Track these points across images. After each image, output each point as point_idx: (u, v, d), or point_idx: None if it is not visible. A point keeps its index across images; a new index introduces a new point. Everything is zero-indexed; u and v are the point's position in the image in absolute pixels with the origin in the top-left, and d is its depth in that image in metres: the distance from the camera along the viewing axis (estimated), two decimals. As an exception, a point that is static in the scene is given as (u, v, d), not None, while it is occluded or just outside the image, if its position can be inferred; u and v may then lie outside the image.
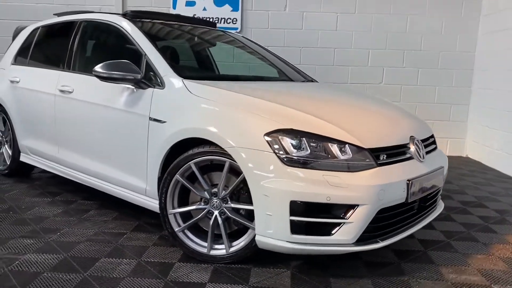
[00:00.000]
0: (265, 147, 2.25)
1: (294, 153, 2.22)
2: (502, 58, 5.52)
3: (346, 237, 2.21)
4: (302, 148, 2.24)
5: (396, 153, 2.45)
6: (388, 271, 2.48)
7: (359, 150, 2.28)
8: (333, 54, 6.28)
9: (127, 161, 2.91)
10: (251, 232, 2.41)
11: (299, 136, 2.26)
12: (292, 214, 2.17)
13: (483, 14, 6.05)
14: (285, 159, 2.21)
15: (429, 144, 2.84)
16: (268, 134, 2.27)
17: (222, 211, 2.47)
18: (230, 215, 2.44)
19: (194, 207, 2.54)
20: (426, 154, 2.66)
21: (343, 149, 2.26)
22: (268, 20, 6.25)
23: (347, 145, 2.27)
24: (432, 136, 2.95)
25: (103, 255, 2.54)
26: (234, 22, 6.24)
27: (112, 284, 2.21)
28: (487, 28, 5.94)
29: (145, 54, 2.90)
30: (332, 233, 2.21)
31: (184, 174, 2.51)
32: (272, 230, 2.22)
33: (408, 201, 2.37)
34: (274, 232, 2.22)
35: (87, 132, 3.18)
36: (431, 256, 2.70)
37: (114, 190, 3.06)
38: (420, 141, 2.65)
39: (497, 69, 5.64)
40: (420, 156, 2.56)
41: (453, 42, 6.18)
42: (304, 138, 2.26)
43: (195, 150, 2.47)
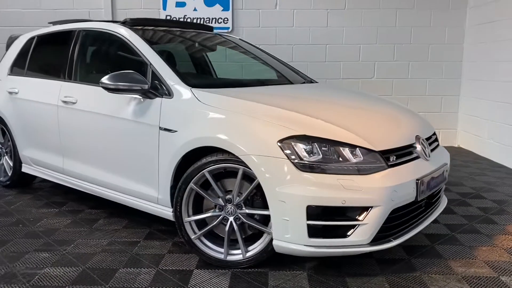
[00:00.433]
0: (279, 154, 2.30)
1: (307, 158, 2.28)
2: (489, 50, 5.65)
3: (361, 238, 2.28)
4: (315, 153, 2.30)
5: (404, 153, 2.52)
6: (399, 267, 2.57)
7: (370, 152, 2.35)
8: (324, 51, 6.35)
9: (137, 170, 2.94)
10: (266, 236, 2.47)
11: (311, 141, 2.32)
12: (309, 218, 2.23)
13: (470, 6, 6.16)
14: (299, 165, 2.27)
15: (432, 142, 2.92)
16: (281, 141, 2.32)
17: (237, 217, 2.52)
18: (245, 221, 2.50)
19: (210, 214, 2.58)
20: (430, 152, 2.74)
21: (354, 152, 2.32)
22: (259, 19, 6.27)
23: (358, 148, 2.34)
24: (434, 133, 3.04)
25: (121, 266, 2.58)
26: (226, 22, 6.25)
27: (135, 295, 2.26)
28: (474, 20, 6.06)
29: (150, 64, 2.92)
30: (348, 234, 2.28)
31: (198, 182, 2.55)
32: (290, 235, 2.28)
33: (417, 199, 2.46)
34: (292, 237, 2.28)
35: (93, 142, 3.19)
36: (438, 250, 2.80)
37: (124, 199, 3.09)
38: (425, 140, 2.74)
39: (484, 60, 5.77)
40: (426, 155, 2.64)
41: (441, 34, 6.29)
42: (316, 144, 2.31)
43: (208, 159, 2.51)
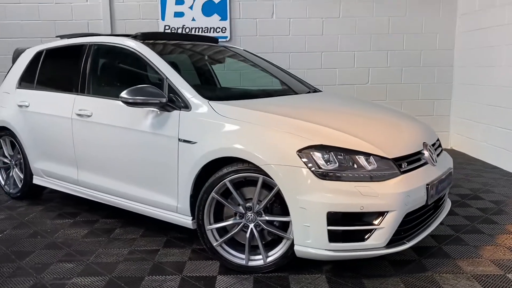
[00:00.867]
0: (298, 163, 2.42)
1: (325, 167, 2.41)
2: (479, 55, 5.87)
3: (378, 241, 2.41)
4: (331, 162, 2.43)
5: (414, 160, 2.67)
6: (412, 268, 2.71)
7: (384, 160, 2.49)
8: (320, 58, 6.51)
9: (155, 180, 3.04)
10: (286, 242, 2.59)
11: (328, 150, 2.45)
12: (329, 224, 2.36)
13: (459, 14, 6.39)
14: (318, 173, 2.39)
15: (436, 148, 3.08)
16: (300, 150, 2.44)
17: (257, 223, 2.64)
18: (266, 227, 2.61)
19: (231, 221, 2.70)
20: (436, 158, 2.90)
21: (368, 160, 2.46)
22: (256, 28, 6.41)
23: (372, 156, 2.47)
24: (438, 139, 3.19)
25: (146, 274, 2.67)
26: (224, 31, 6.38)
27: (165, 301, 2.35)
28: (464, 27, 6.28)
29: (166, 78, 3.02)
30: (365, 238, 2.41)
31: (219, 191, 2.67)
32: (311, 240, 2.41)
33: (428, 203, 2.61)
34: (313, 242, 2.41)
35: (110, 154, 3.27)
36: (446, 251, 2.95)
37: (142, 209, 3.18)
38: (431, 146, 2.89)
39: (475, 65, 5.99)
40: (433, 160, 2.80)
41: (433, 41, 6.50)
42: (332, 153, 2.45)
43: (229, 169, 2.63)
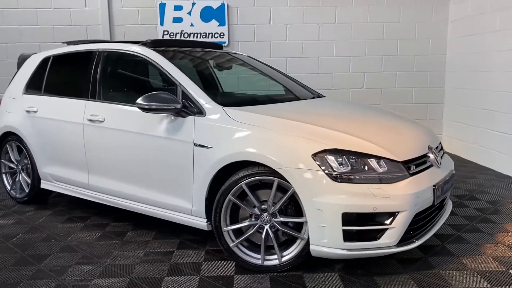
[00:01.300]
0: (314, 166, 2.54)
1: (339, 170, 2.53)
2: (470, 60, 6.07)
3: (390, 240, 2.54)
4: (344, 165, 2.55)
5: (421, 162, 2.80)
6: (419, 266, 2.84)
7: (394, 163, 2.61)
8: (317, 63, 6.66)
9: (169, 183, 3.12)
10: (300, 242, 2.70)
11: (342, 154, 2.57)
12: (344, 224, 2.48)
13: (451, 20, 6.59)
14: (332, 176, 2.51)
15: (439, 150, 3.22)
16: (315, 154, 2.56)
17: (272, 224, 2.74)
18: (280, 228, 2.72)
19: (247, 223, 2.80)
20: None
21: (380, 163, 2.59)
22: (254, 33, 6.53)
23: (382, 159, 2.60)
24: (440, 143, 3.34)
25: (164, 274, 2.76)
26: (222, 37, 6.48)
27: (187, 300, 2.44)
28: (455, 33, 6.49)
29: (180, 84, 3.12)
30: (378, 237, 2.54)
31: (235, 194, 2.77)
32: (327, 240, 2.52)
33: (434, 203, 2.74)
34: (328, 241, 2.52)
35: (123, 158, 3.35)
36: (449, 249, 3.09)
37: (155, 212, 3.26)
38: (435, 149, 3.03)
39: (466, 70, 6.20)
40: (438, 163, 2.94)
41: (425, 46, 6.70)
42: (345, 156, 2.57)
43: (245, 172, 2.73)
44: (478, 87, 5.91)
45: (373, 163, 2.58)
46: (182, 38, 6.49)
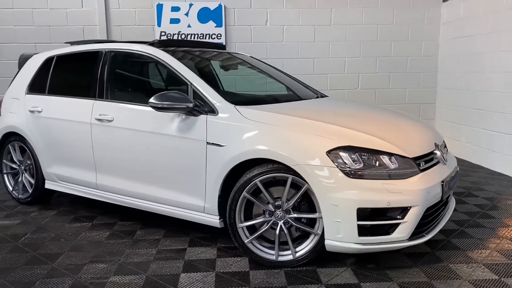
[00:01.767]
0: (328, 163, 2.60)
1: (353, 166, 2.60)
2: (462, 62, 6.23)
3: (402, 234, 2.62)
4: (357, 161, 2.62)
5: (429, 159, 2.89)
6: (428, 259, 2.93)
7: (405, 159, 2.69)
8: (312, 64, 6.74)
9: (181, 182, 3.15)
10: (313, 237, 2.76)
11: (355, 151, 2.64)
12: (359, 219, 2.55)
13: (443, 22, 6.75)
14: (347, 172, 2.58)
15: (444, 147, 3.32)
16: (329, 151, 2.63)
17: (286, 221, 2.80)
18: (294, 224, 2.78)
19: (262, 219, 2.85)
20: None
21: (391, 159, 2.66)
22: (250, 34, 6.59)
23: (394, 156, 2.68)
24: (443, 141, 3.44)
25: (180, 271, 2.79)
26: (219, 38, 6.52)
27: (207, 296, 2.48)
28: (446, 35, 6.65)
29: (191, 84, 3.15)
30: (390, 232, 2.61)
31: (249, 191, 2.82)
32: (342, 235, 2.59)
33: (443, 198, 2.83)
34: (343, 236, 2.59)
35: (134, 157, 3.36)
36: (454, 243, 3.18)
37: (167, 210, 3.28)
38: (441, 146, 3.12)
39: (458, 71, 6.35)
40: (444, 159, 3.03)
41: (418, 48, 6.84)
42: (357, 153, 2.64)
43: (259, 170, 2.78)
44: (469, 87, 6.06)
45: (385, 159, 2.65)
46: (180, 39, 6.51)
